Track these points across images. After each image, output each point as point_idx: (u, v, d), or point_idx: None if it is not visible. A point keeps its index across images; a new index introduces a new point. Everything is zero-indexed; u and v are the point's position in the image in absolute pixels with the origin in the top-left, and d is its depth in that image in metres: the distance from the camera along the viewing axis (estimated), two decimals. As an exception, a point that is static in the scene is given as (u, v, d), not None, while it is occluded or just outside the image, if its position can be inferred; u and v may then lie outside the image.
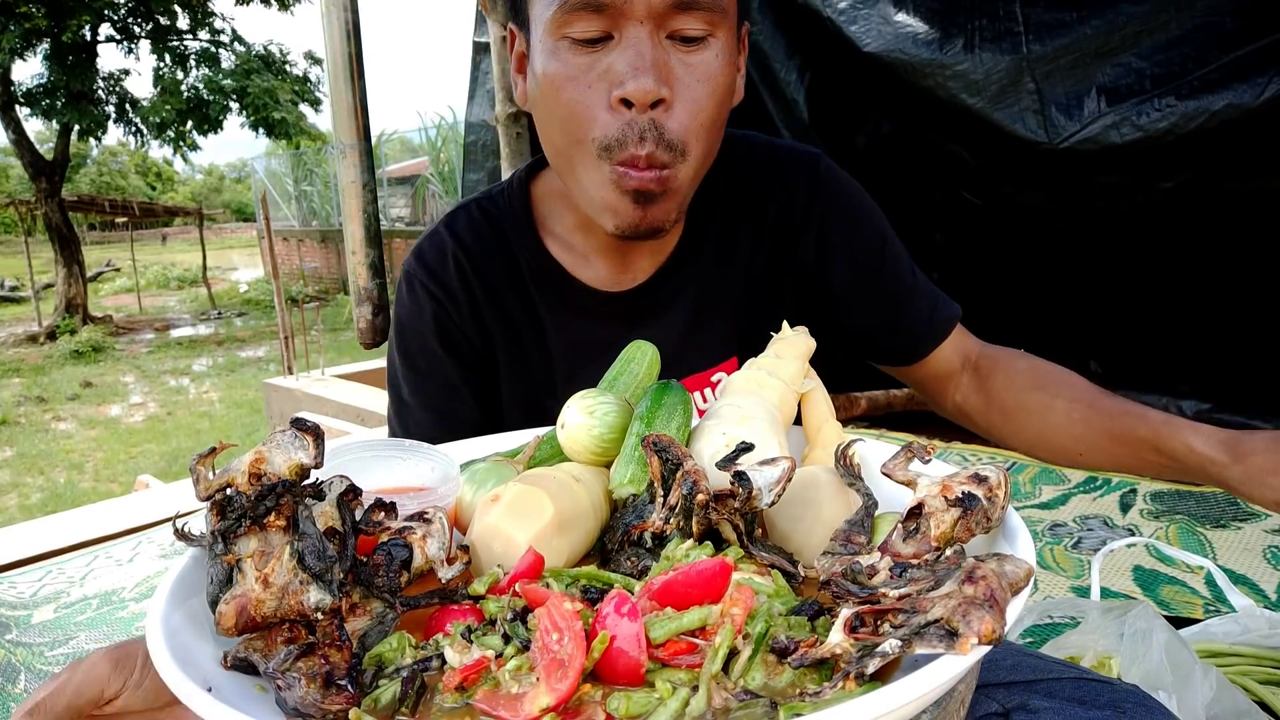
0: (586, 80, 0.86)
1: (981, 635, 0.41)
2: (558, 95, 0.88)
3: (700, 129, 0.89)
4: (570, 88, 0.87)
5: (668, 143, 0.86)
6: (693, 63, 0.87)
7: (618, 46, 0.85)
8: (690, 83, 0.87)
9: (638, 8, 0.83)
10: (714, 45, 0.88)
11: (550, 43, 0.88)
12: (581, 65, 0.86)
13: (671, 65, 0.86)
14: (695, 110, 0.87)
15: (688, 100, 0.87)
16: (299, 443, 0.54)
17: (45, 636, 1.79)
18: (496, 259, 1.07)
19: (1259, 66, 2.06)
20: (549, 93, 0.89)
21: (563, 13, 0.85)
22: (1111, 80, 2.28)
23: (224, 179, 56.20)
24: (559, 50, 0.87)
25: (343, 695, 0.48)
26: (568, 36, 0.86)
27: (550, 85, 0.89)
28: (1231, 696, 1.07)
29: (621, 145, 0.86)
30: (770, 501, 0.60)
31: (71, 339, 11.25)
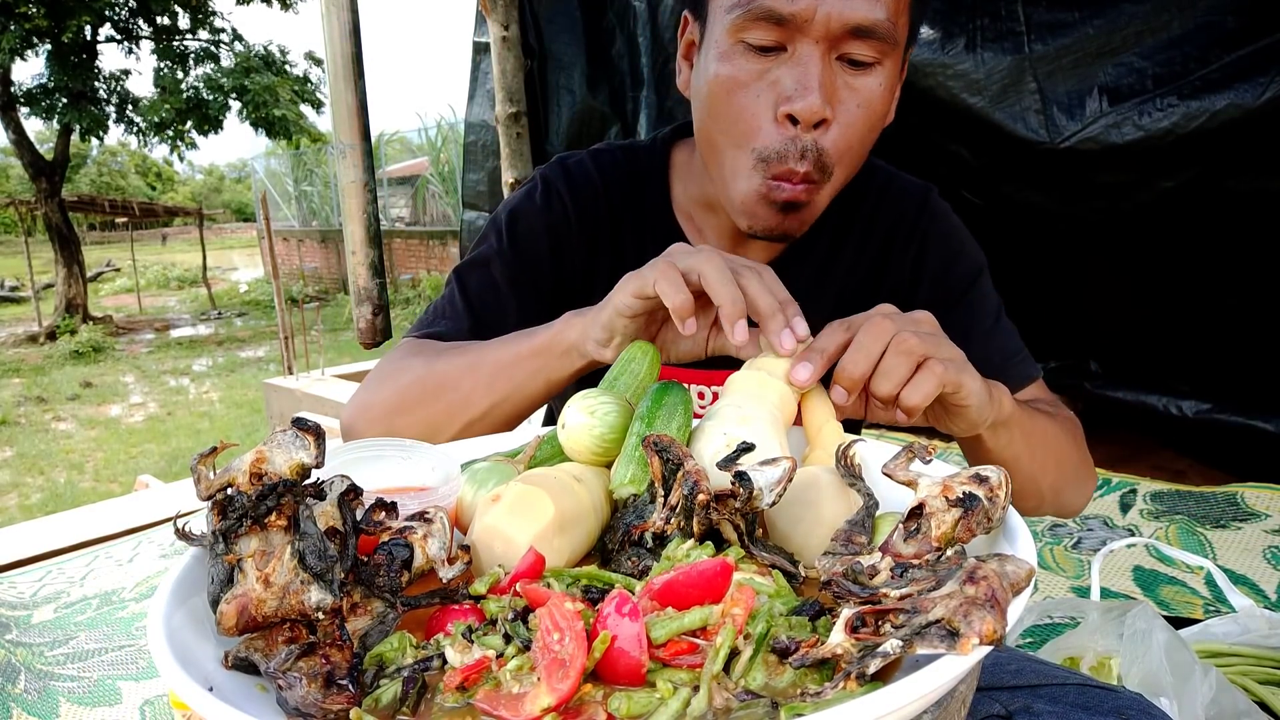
0: (756, 89, 0.90)
1: (983, 635, 0.41)
2: (727, 97, 0.91)
3: (850, 150, 0.92)
4: (740, 94, 0.90)
5: (822, 163, 0.90)
6: (856, 86, 0.89)
7: (789, 60, 0.88)
8: (850, 105, 0.89)
9: (817, 27, 0.85)
10: (879, 73, 0.90)
11: (727, 44, 0.91)
12: (752, 73, 0.89)
13: (837, 87, 0.88)
14: (849, 133, 0.90)
15: (844, 122, 0.90)
16: (300, 442, 0.54)
17: (45, 636, 1.79)
18: (628, 207, 1.10)
19: (1260, 66, 2.06)
20: (717, 93, 0.92)
21: (744, 19, 0.88)
22: (1113, 80, 2.28)
23: (224, 179, 56.21)
24: (733, 53, 0.90)
25: (344, 695, 0.48)
26: (744, 41, 0.89)
27: (720, 86, 0.92)
28: (1231, 697, 1.07)
29: (781, 159, 0.89)
30: (771, 502, 0.60)
31: (71, 339, 11.25)
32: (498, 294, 1.08)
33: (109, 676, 1.62)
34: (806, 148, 0.88)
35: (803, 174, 0.90)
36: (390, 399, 0.98)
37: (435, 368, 0.96)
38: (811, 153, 0.89)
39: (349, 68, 3.65)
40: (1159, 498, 2.16)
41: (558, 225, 1.09)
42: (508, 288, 1.08)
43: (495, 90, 3.75)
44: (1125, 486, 2.26)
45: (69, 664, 1.67)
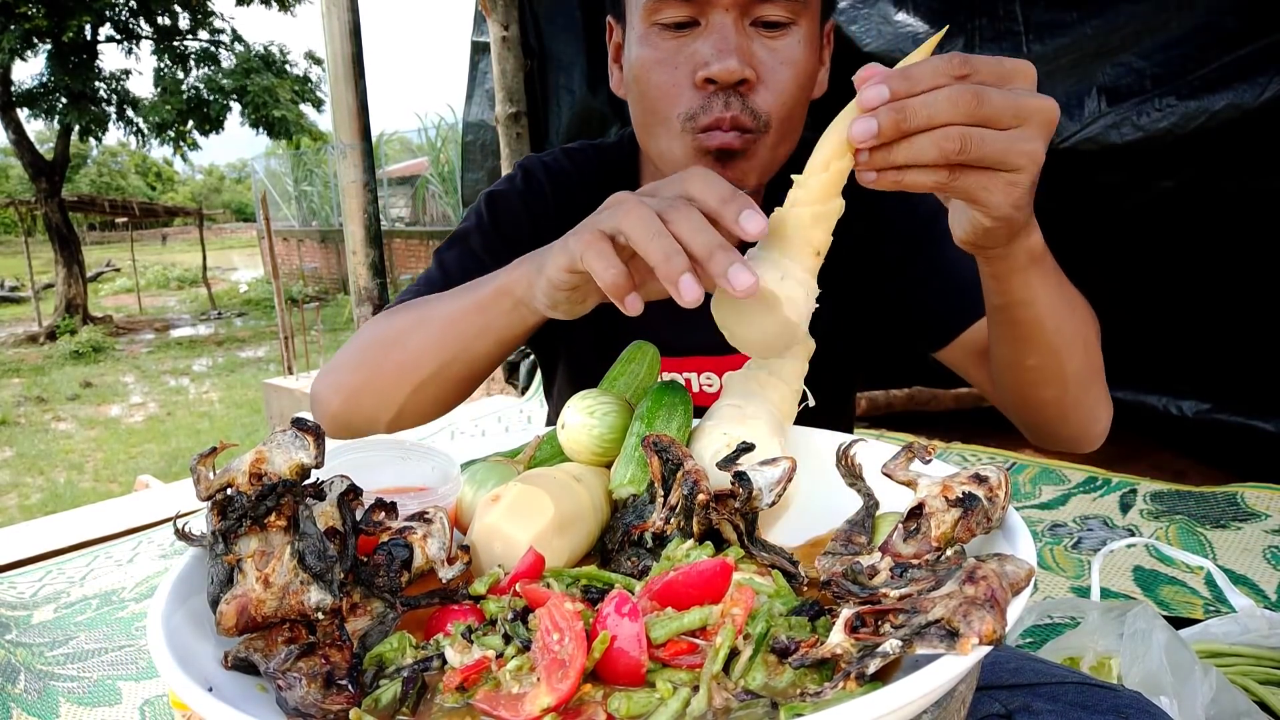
0: (673, 63, 0.92)
1: (982, 635, 0.41)
2: (647, 77, 0.94)
3: (783, 108, 0.93)
4: (658, 70, 0.93)
5: (752, 111, 0.91)
6: (776, 47, 0.91)
7: (703, 32, 0.90)
8: (774, 65, 0.91)
9: None
10: (796, 32, 0.92)
11: (642, 29, 0.94)
12: (669, 49, 0.92)
13: (756, 50, 0.90)
14: (778, 90, 0.92)
15: (771, 82, 0.91)
16: (299, 443, 0.54)
17: (45, 636, 1.79)
18: (600, 199, 1.10)
19: (1259, 66, 2.06)
20: (639, 75, 0.95)
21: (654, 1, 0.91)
22: (1112, 80, 2.28)
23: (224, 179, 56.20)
24: (649, 36, 0.93)
25: (343, 695, 0.48)
26: (657, 23, 0.92)
27: (641, 68, 0.94)
28: (1231, 697, 1.07)
29: (706, 111, 0.90)
30: (771, 501, 0.60)
31: (71, 339, 11.24)
32: (479, 265, 1.07)
33: (109, 676, 1.62)
34: (728, 98, 0.90)
35: (731, 119, 0.90)
36: (347, 361, 0.97)
37: (390, 324, 0.95)
38: (736, 102, 0.90)
39: (349, 68, 3.65)
40: (1159, 498, 2.16)
41: (537, 211, 1.10)
42: (488, 260, 1.07)
43: (495, 90, 3.75)
44: (1125, 486, 2.26)
45: (69, 664, 1.67)
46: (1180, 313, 2.52)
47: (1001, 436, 2.70)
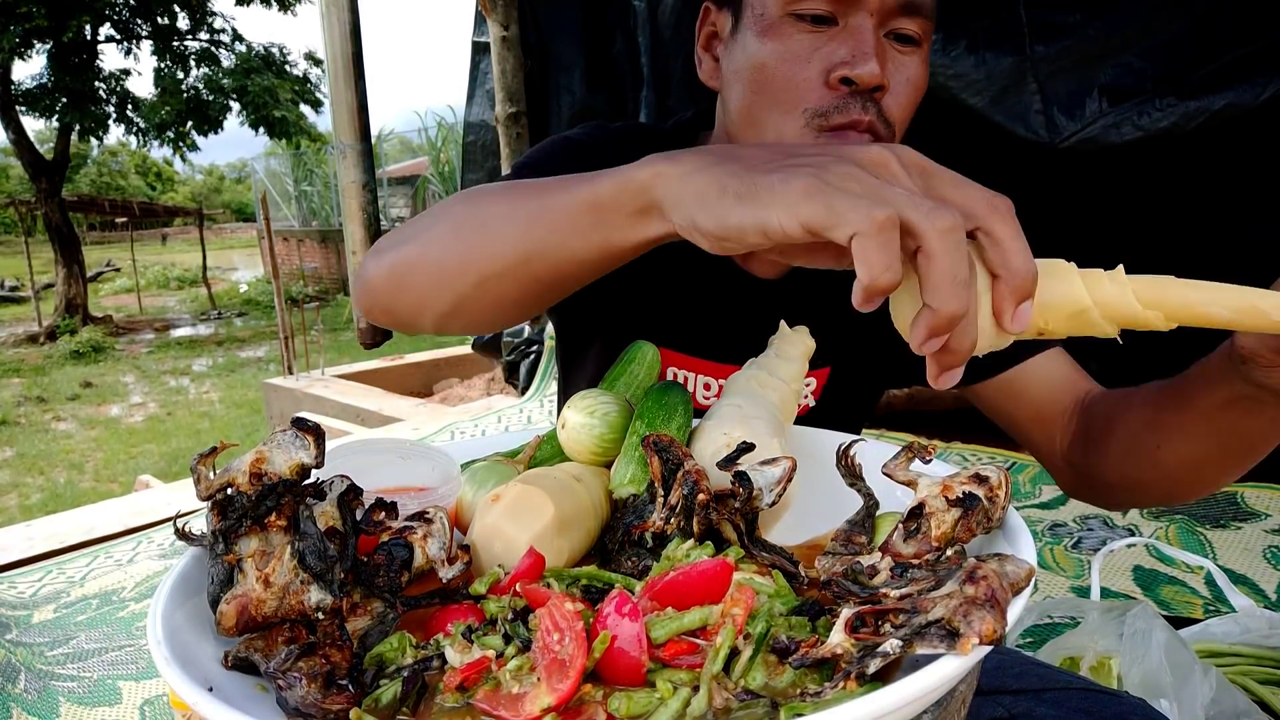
0: (807, 57, 0.87)
1: (982, 635, 0.41)
2: (774, 67, 0.88)
3: (902, 125, 0.91)
4: (789, 64, 0.88)
5: (885, 120, 0.87)
6: (904, 63, 0.89)
7: (842, 32, 0.86)
8: (900, 80, 0.89)
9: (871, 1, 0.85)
10: (920, 52, 0.91)
11: (775, 16, 0.88)
12: (805, 42, 0.87)
13: (889, 58, 0.88)
14: (901, 105, 0.90)
15: (897, 94, 0.89)
16: (300, 442, 0.54)
17: (45, 636, 1.79)
18: None
19: (1259, 67, 2.06)
20: (764, 64, 0.88)
21: None
22: (1113, 80, 2.28)
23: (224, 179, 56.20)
24: (782, 25, 0.88)
25: (343, 695, 0.48)
26: (793, 13, 0.87)
27: (769, 57, 0.88)
28: (1231, 697, 1.07)
29: (842, 111, 0.86)
30: (771, 501, 0.60)
31: (71, 339, 11.25)
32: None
33: (109, 676, 1.62)
34: (865, 101, 0.86)
35: (869, 123, 0.85)
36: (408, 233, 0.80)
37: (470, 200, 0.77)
38: (872, 107, 0.86)
39: (349, 68, 3.65)
40: (1159, 498, 2.16)
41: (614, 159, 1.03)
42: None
43: (495, 90, 3.75)
44: (1125, 486, 2.26)
45: (69, 664, 1.67)
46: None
47: (1001, 436, 2.69)
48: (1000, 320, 0.49)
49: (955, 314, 0.46)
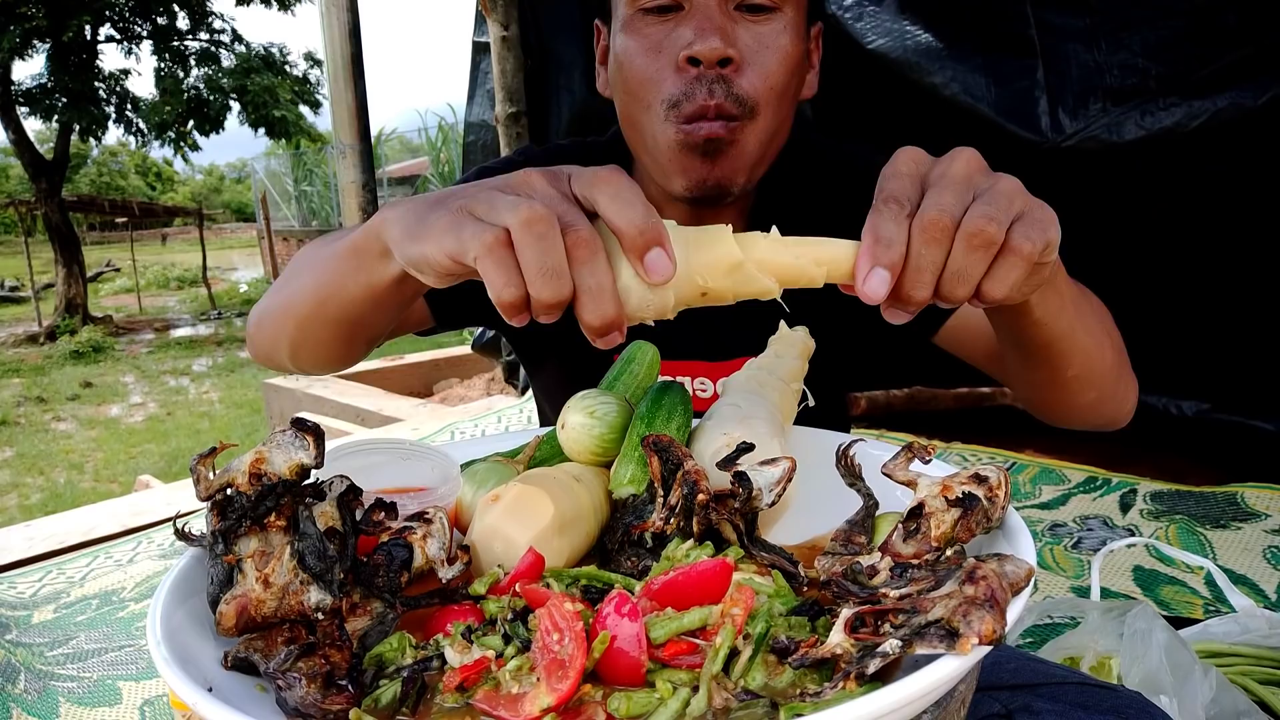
0: (657, 47, 0.92)
1: (982, 635, 0.41)
2: (631, 63, 0.94)
3: (770, 92, 0.91)
4: (643, 57, 0.92)
5: (736, 97, 0.89)
6: (760, 32, 0.91)
7: (687, 16, 0.90)
8: (757, 48, 0.91)
9: None
10: (780, 18, 0.91)
11: (626, 16, 0.94)
12: (653, 34, 0.92)
13: (738, 33, 0.90)
14: (764, 74, 0.91)
15: (756, 64, 0.90)
16: (299, 443, 0.54)
17: (45, 636, 1.79)
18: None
19: (1262, 66, 2.06)
20: (624, 63, 0.95)
21: None
22: (1116, 80, 2.29)
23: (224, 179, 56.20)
24: (633, 23, 0.93)
25: (343, 695, 0.48)
26: (640, 8, 0.92)
27: (625, 55, 0.94)
28: (1231, 696, 1.07)
29: (689, 97, 0.89)
30: (771, 501, 0.60)
31: (71, 339, 11.24)
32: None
33: (109, 676, 1.62)
34: (712, 82, 0.88)
35: (715, 106, 0.88)
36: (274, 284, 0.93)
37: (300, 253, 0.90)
38: (720, 86, 0.88)
39: (349, 68, 3.65)
40: (1159, 498, 2.16)
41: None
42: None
43: (495, 90, 3.75)
44: (1125, 486, 2.26)
45: (69, 664, 1.67)
46: (1180, 312, 2.52)
47: (1001, 436, 2.70)
48: (640, 274, 0.52)
49: (548, 300, 0.50)
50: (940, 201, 0.55)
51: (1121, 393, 0.91)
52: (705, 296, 0.55)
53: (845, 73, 2.77)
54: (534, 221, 0.50)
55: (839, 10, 2.67)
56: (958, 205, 0.55)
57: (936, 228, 0.54)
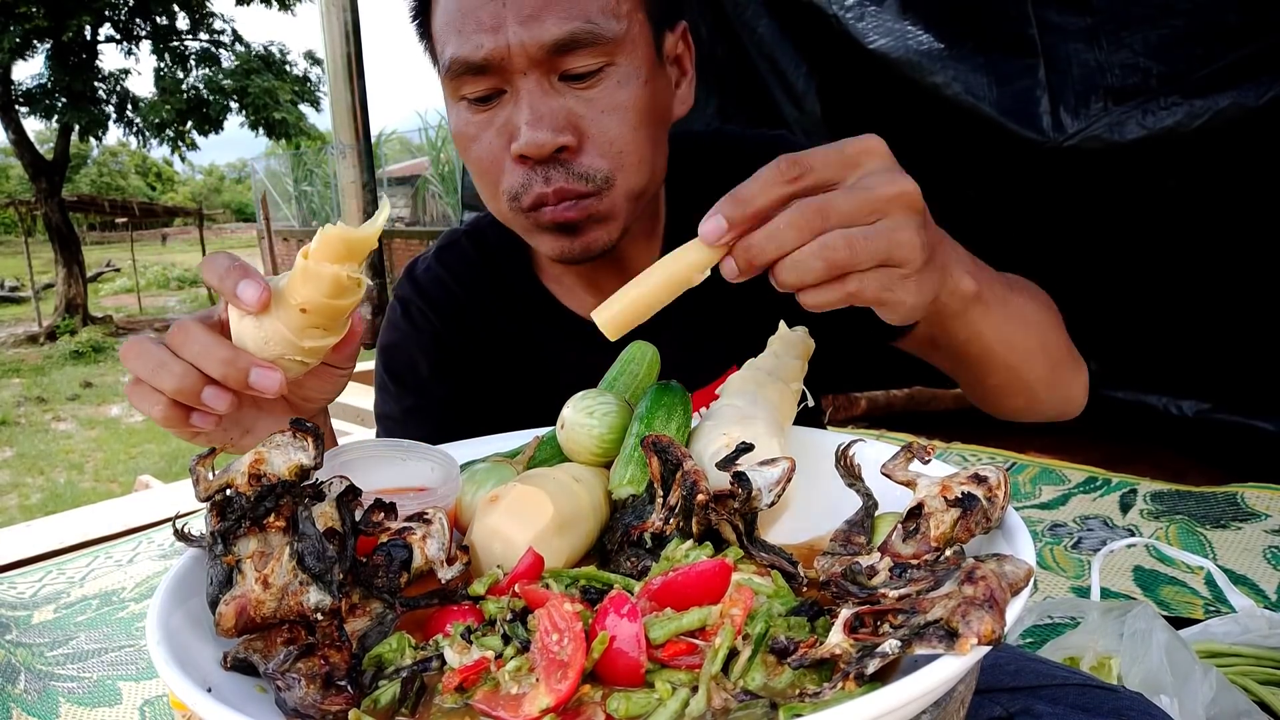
0: (487, 137, 0.87)
1: (981, 636, 0.41)
2: (467, 153, 0.90)
3: (621, 157, 0.86)
4: (474, 146, 0.89)
5: (581, 175, 0.85)
6: (592, 98, 0.84)
7: (512, 100, 0.85)
8: (595, 118, 0.85)
9: (516, 61, 0.82)
10: (614, 73, 0.85)
11: (451, 103, 0.90)
12: (481, 123, 0.87)
13: (571, 106, 0.84)
14: (607, 144, 0.86)
15: (597, 137, 0.85)
16: (298, 444, 0.54)
17: (45, 636, 1.79)
18: (491, 292, 1.09)
19: (1264, 65, 2.06)
20: (461, 149, 0.92)
21: (451, 78, 0.86)
22: (1117, 79, 2.29)
23: (224, 179, 56.21)
24: (459, 110, 0.89)
25: (342, 696, 0.48)
26: (464, 98, 0.87)
27: (459, 143, 0.91)
28: (1231, 697, 1.07)
29: (527, 189, 0.86)
30: (770, 502, 0.60)
31: (71, 339, 11.25)
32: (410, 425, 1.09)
33: (109, 676, 1.62)
34: (550, 170, 0.84)
35: (554, 193, 0.85)
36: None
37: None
38: (559, 172, 0.84)
39: (348, 68, 3.65)
40: (1159, 498, 2.16)
41: (428, 342, 1.09)
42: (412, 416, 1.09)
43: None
44: (1125, 486, 2.26)
45: (69, 664, 1.67)
46: (1180, 312, 2.52)
47: (1001, 436, 2.70)
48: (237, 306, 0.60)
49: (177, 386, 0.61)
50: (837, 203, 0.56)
51: (1059, 395, 0.89)
52: (306, 314, 0.58)
53: (846, 73, 2.77)
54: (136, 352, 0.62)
55: (839, 10, 2.67)
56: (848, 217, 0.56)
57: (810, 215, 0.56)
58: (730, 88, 2.99)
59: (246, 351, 0.60)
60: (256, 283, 0.58)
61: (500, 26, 0.81)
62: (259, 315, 0.58)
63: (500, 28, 0.81)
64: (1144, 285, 2.54)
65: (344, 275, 0.57)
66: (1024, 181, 2.55)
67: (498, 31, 0.81)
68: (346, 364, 0.70)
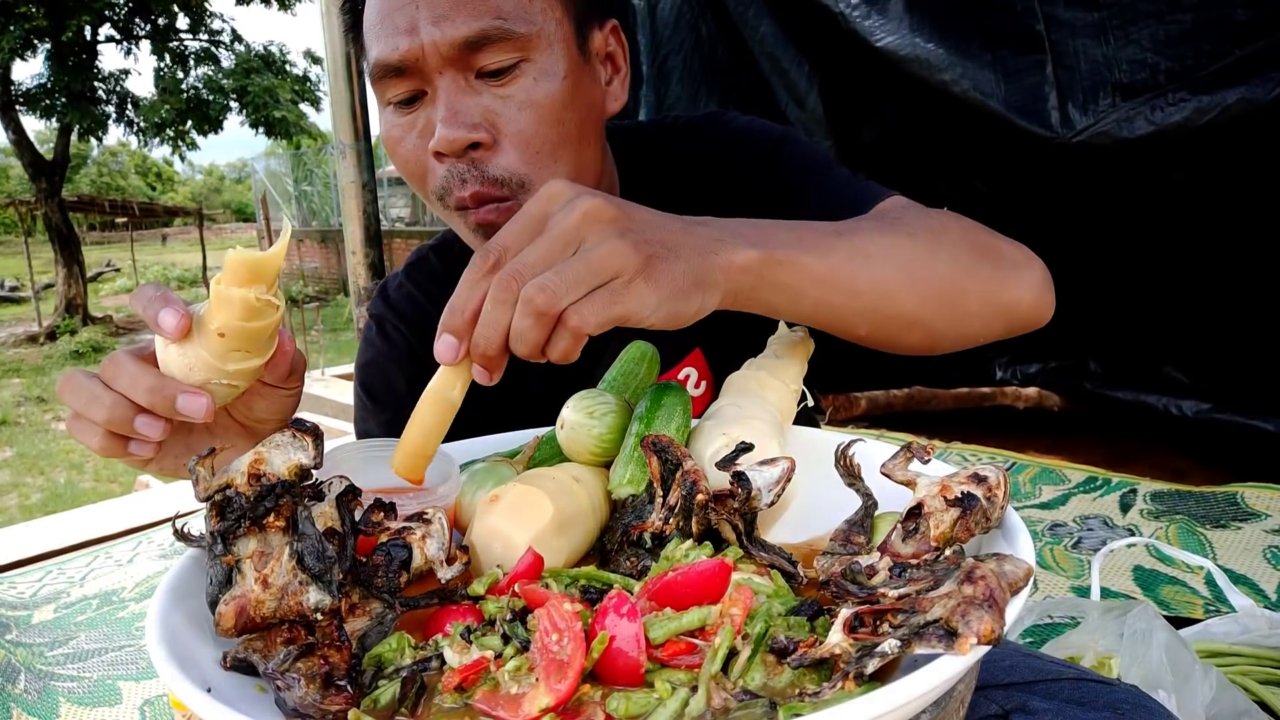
0: (410, 139, 0.89)
1: (981, 635, 0.41)
2: (395, 156, 0.92)
3: (537, 157, 0.87)
4: (400, 148, 0.91)
5: (493, 179, 0.86)
6: (509, 95, 0.85)
7: (431, 100, 0.87)
8: (511, 115, 0.86)
9: (430, 60, 0.84)
10: (529, 70, 0.86)
11: (381, 108, 0.92)
12: (405, 125, 0.90)
13: (487, 103, 0.85)
14: (524, 142, 0.86)
15: (514, 134, 0.86)
16: (298, 443, 0.54)
17: (45, 636, 1.79)
18: None
19: (1272, 61, 2.06)
20: (390, 153, 0.93)
21: (376, 82, 0.89)
22: (1126, 75, 2.29)
23: (224, 179, 56.24)
24: (386, 114, 0.92)
25: (342, 695, 0.48)
26: (390, 101, 0.90)
27: (388, 146, 0.93)
28: (1231, 696, 1.07)
29: (448, 191, 0.88)
30: (770, 501, 0.60)
31: (71, 339, 11.26)
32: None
33: (109, 676, 1.62)
34: (464, 173, 0.86)
35: (470, 195, 0.86)
36: None
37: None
38: (471, 174, 0.86)
39: (348, 67, 3.65)
40: (1159, 498, 2.16)
41: (403, 358, 1.11)
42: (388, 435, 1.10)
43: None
44: (1125, 486, 2.26)
45: (69, 664, 1.67)
46: (1182, 312, 2.52)
47: (1001, 436, 2.70)
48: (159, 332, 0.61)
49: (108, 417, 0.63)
50: (525, 259, 0.56)
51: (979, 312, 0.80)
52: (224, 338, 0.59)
53: (853, 71, 2.77)
54: (71, 387, 0.65)
55: (846, 9, 2.67)
56: (541, 264, 0.56)
57: (502, 287, 0.56)
58: (732, 88, 3.00)
59: (173, 379, 0.61)
60: (176, 310, 0.59)
61: (415, 28, 0.83)
62: (181, 342, 0.60)
63: (415, 29, 0.83)
64: (1147, 283, 2.54)
65: (252, 298, 0.58)
66: (1033, 178, 2.55)
67: (413, 33, 0.83)
68: (289, 383, 0.70)
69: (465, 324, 0.58)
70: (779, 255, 0.65)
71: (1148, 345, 2.61)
